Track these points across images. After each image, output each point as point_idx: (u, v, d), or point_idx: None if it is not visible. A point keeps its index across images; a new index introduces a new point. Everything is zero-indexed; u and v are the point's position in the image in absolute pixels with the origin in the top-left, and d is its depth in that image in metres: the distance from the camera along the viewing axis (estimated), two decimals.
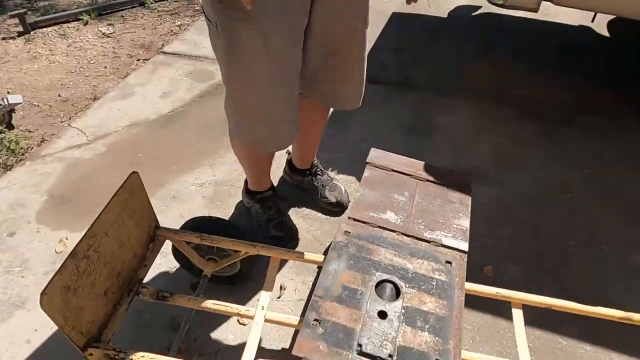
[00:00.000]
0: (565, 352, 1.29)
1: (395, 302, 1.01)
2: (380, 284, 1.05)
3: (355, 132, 2.09)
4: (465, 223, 1.24)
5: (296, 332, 1.23)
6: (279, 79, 1.17)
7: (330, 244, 1.13)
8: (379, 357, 0.90)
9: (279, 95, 1.20)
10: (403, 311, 1.00)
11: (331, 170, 1.86)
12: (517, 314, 1.16)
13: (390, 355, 0.91)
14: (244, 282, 1.42)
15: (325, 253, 1.12)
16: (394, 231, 1.19)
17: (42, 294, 0.81)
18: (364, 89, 1.38)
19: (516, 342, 1.11)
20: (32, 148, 2.01)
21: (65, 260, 0.87)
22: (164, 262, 1.51)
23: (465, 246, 1.16)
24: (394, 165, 1.39)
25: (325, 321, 0.96)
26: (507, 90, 2.40)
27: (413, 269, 1.09)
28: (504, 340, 1.32)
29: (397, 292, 1.04)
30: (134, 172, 1.08)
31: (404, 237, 1.18)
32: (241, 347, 1.03)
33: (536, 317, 1.34)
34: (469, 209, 1.28)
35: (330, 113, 1.56)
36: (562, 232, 1.65)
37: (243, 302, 1.36)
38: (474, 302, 1.39)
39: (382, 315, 0.99)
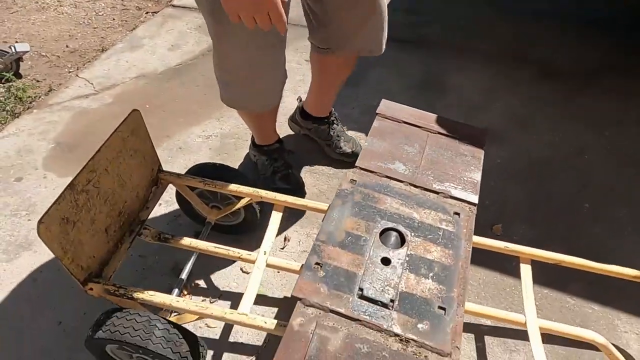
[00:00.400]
0: (572, 311, 1.26)
1: (399, 250, 0.98)
2: (385, 231, 1.02)
3: (366, 89, 2.03)
4: (477, 176, 1.19)
5: None
6: (266, 44, 1.15)
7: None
8: (380, 301, 0.89)
9: (265, 59, 1.18)
10: (407, 259, 0.97)
11: (342, 126, 1.82)
12: (526, 269, 1.13)
13: (392, 300, 0.89)
14: (248, 231, 1.40)
15: None
16: (401, 181, 1.15)
17: (40, 222, 0.80)
18: (386, 32, 1.34)
19: (523, 297, 1.08)
20: (39, 97, 2.00)
21: (63, 191, 0.86)
22: (169, 210, 1.50)
23: (475, 199, 1.13)
24: (404, 116, 1.34)
25: (327, 265, 0.94)
26: (526, 49, 2.29)
27: (419, 219, 1.06)
28: (510, 297, 1.29)
29: (402, 241, 1.01)
30: (134, 110, 1.05)
31: (412, 187, 1.14)
32: (243, 293, 1.02)
33: (544, 275, 1.31)
34: (481, 162, 1.23)
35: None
36: (577, 195, 1.60)
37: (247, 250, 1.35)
38: (481, 259, 1.36)
39: (386, 261, 0.96)
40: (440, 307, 0.90)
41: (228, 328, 1.21)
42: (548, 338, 1.19)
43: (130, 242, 1.08)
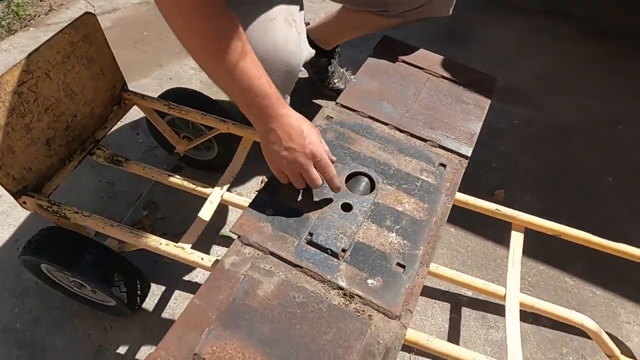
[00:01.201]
0: (569, 292, 1.11)
1: (365, 196, 0.86)
2: (353, 176, 0.89)
3: (380, 33, 1.83)
4: (475, 127, 1.03)
5: None
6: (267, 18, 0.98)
7: None
8: (330, 249, 0.77)
9: None
10: (372, 207, 0.84)
11: (346, 70, 1.66)
12: (517, 237, 0.98)
13: (344, 250, 0.77)
14: (224, 168, 1.30)
15: None
16: (386, 124, 1.01)
17: None
18: None
19: (508, 267, 0.94)
20: (39, 16, 1.92)
21: None
22: (147, 140, 1.41)
23: (468, 151, 0.97)
24: (405, 55, 1.17)
25: (277, 204, 0.83)
26: (570, 3, 2.01)
27: (397, 166, 0.92)
28: (500, 269, 1.15)
29: (372, 188, 0.88)
30: (87, 13, 0.94)
31: (397, 131, 1.00)
32: (206, 231, 0.93)
33: (543, 249, 1.15)
34: (484, 113, 1.07)
35: None
36: (601, 167, 1.40)
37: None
38: (473, 224, 1.22)
39: (346, 207, 0.84)
40: (399, 265, 0.78)
41: (186, 267, 1.13)
42: (535, 318, 1.06)
43: (79, 161, 1.00)
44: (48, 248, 0.85)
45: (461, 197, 1.00)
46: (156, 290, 1.09)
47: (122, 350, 1.00)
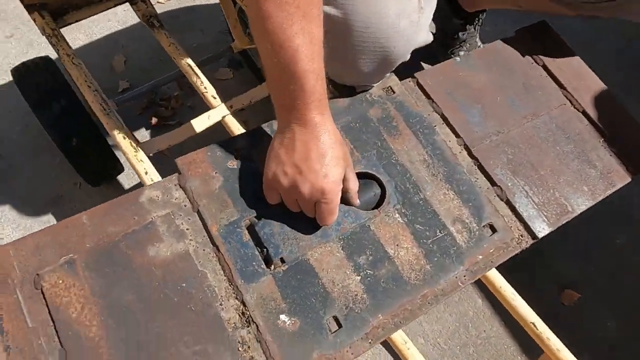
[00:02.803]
0: None
1: (360, 212, 0.61)
2: (364, 177, 0.64)
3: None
4: (580, 205, 0.69)
5: None
6: None
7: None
8: (267, 249, 0.57)
9: None
10: (357, 229, 0.60)
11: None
12: None
13: (283, 261, 0.57)
14: None
15: None
16: (457, 135, 0.71)
17: None
18: None
19: None
20: None
21: None
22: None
23: (542, 229, 0.65)
24: (552, 58, 0.81)
25: (252, 162, 0.63)
26: None
27: (429, 196, 0.65)
28: None
29: (377, 206, 0.63)
30: None
31: (464, 151, 0.70)
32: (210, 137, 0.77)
33: None
34: (607, 194, 0.71)
35: None
36: None
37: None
38: (500, 309, 0.90)
39: None
40: (335, 320, 0.55)
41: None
42: None
43: (116, 3, 0.88)
44: (26, 78, 0.77)
45: (495, 277, 0.70)
46: None
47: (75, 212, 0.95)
